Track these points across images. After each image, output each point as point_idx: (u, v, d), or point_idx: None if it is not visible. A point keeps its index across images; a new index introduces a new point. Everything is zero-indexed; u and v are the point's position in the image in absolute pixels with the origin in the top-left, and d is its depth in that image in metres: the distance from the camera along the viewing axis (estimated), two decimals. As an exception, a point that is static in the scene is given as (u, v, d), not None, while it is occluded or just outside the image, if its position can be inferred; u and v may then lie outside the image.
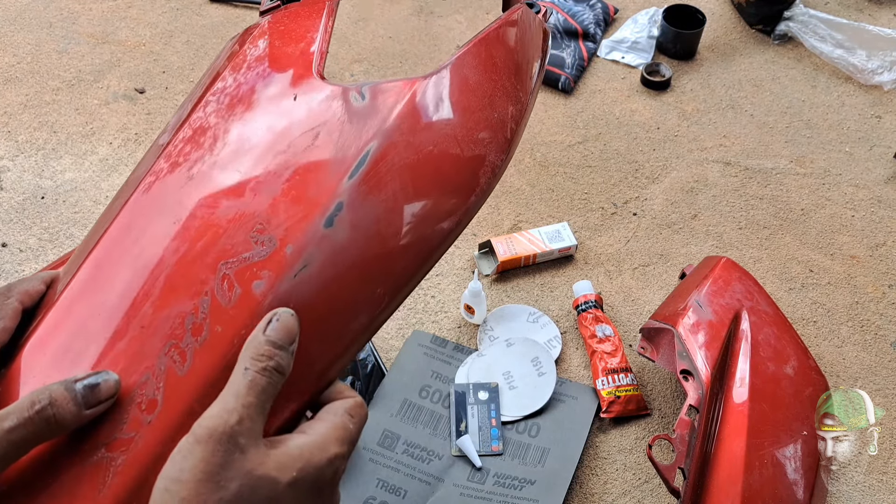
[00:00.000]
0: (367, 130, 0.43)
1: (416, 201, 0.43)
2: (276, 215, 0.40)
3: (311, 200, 0.40)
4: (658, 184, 1.26)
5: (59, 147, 1.29)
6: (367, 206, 0.41)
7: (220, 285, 0.38)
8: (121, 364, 0.37)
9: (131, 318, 0.38)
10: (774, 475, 0.83)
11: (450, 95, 0.47)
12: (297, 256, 0.39)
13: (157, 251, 0.40)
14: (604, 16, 1.53)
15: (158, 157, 0.45)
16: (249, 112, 0.46)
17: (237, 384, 0.36)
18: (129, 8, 1.58)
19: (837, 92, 1.41)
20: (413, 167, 0.43)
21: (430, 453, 0.92)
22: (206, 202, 0.41)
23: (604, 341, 1.00)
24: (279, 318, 0.37)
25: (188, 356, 0.37)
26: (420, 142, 0.44)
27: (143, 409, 0.36)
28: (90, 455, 0.35)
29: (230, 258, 0.39)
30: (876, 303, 1.09)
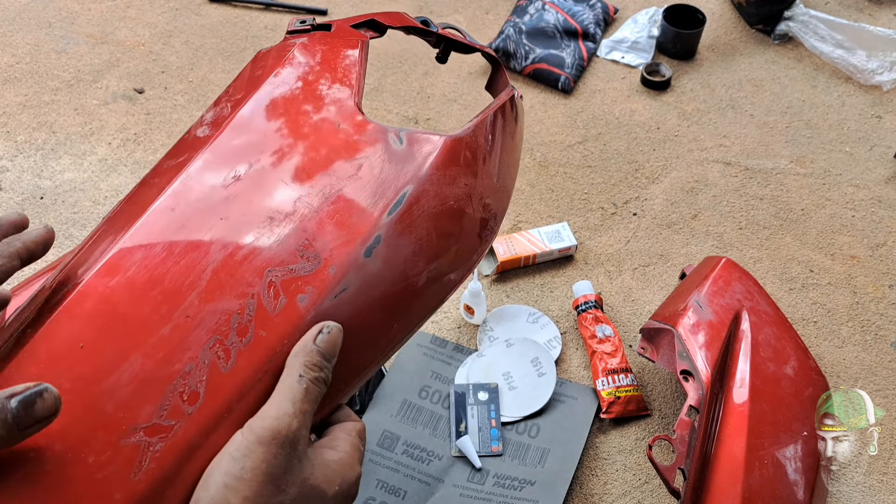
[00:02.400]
0: (405, 173, 0.45)
1: (435, 249, 0.46)
2: (323, 235, 0.42)
3: (354, 228, 0.42)
4: (658, 184, 1.26)
5: (58, 147, 1.29)
6: (399, 245, 0.44)
7: (266, 291, 0.39)
8: (163, 349, 0.37)
9: (176, 306, 0.38)
10: (774, 475, 0.83)
11: (469, 158, 0.50)
12: (339, 279, 0.41)
13: (204, 244, 0.40)
14: (604, 15, 1.53)
15: (200, 149, 0.45)
16: (295, 127, 0.47)
17: (293, 390, 0.37)
18: (128, 8, 1.58)
19: (838, 92, 1.41)
20: (437, 217, 0.46)
21: (429, 454, 0.92)
22: (254, 206, 0.42)
23: (604, 342, 1.00)
24: (330, 330, 0.39)
25: (232, 354, 0.38)
26: (445, 195, 0.47)
27: (184, 400, 0.36)
28: (126, 435, 0.35)
29: (277, 266, 0.40)
30: (876, 303, 1.09)
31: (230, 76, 1.43)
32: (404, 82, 1.43)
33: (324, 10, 1.58)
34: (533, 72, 1.41)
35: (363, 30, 0.58)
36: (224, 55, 1.47)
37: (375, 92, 1.41)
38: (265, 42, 1.51)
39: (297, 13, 1.57)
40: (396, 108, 1.38)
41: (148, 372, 0.36)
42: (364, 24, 0.58)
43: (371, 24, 0.59)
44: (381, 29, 0.59)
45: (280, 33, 1.53)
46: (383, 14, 0.60)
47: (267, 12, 1.58)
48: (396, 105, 1.38)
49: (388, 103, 1.39)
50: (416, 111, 1.37)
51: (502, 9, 1.59)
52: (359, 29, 0.58)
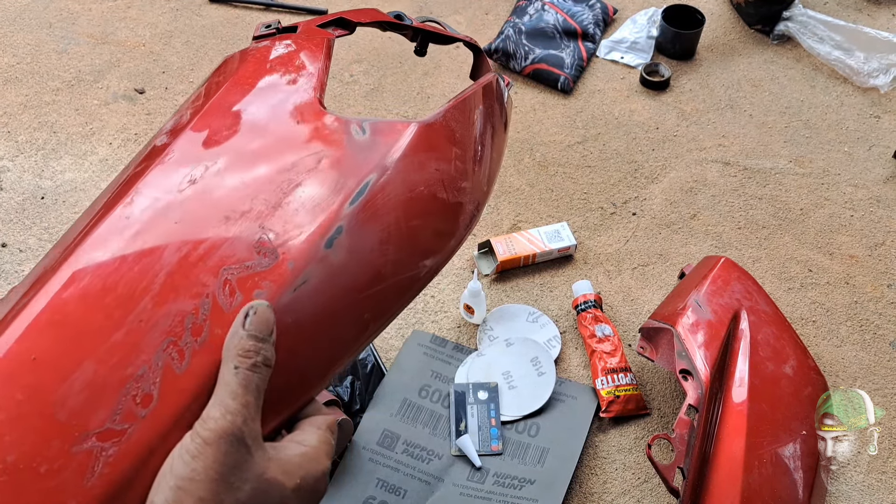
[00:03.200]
0: (368, 163, 0.45)
1: (406, 237, 0.45)
2: (279, 229, 0.41)
3: (314, 220, 0.42)
4: (657, 184, 1.26)
5: (58, 147, 1.29)
6: (364, 234, 0.43)
7: (221, 289, 0.39)
8: (117, 354, 0.37)
9: (129, 311, 0.38)
10: (774, 475, 0.83)
11: (440, 143, 0.50)
12: (297, 272, 0.40)
13: (158, 248, 0.40)
14: (603, 16, 1.54)
15: (157, 157, 0.45)
16: (253, 126, 0.47)
17: (231, 384, 0.36)
18: (129, 8, 1.58)
19: (836, 92, 1.42)
20: (405, 204, 0.46)
21: (429, 453, 0.92)
22: (209, 207, 0.42)
23: (603, 341, 1.00)
24: (255, 310, 0.38)
25: (186, 355, 0.38)
26: (413, 181, 0.47)
27: (137, 403, 0.36)
28: (78, 442, 0.35)
29: (232, 265, 0.40)
30: (875, 302, 1.09)
31: (230, 76, 1.43)
32: (404, 82, 1.43)
33: (324, 10, 1.58)
34: (532, 72, 1.42)
35: (331, 28, 0.58)
36: (224, 55, 1.47)
37: (375, 92, 1.41)
38: (265, 42, 1.51)
39: (298, 13, 1.58)
40: (396, 108, 1.38)
41: (100, 378, 0.36)
42: (332, 22, 0.58)
43: (339, 21, 0.58)
44: (350, 26, 0.59)
45: (280, 34, 1.53)
46: (353, 11, 0.59)
47: (267, 13, 1.58)
48: (396, 105, 1.39)
49: (388, 103, 1.39)
50: (415, 111, 1.37)
51: (502, 9, 1.59)
52: (326, 28, 0.58)
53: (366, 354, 0.99)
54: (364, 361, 0.99)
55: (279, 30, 0.57)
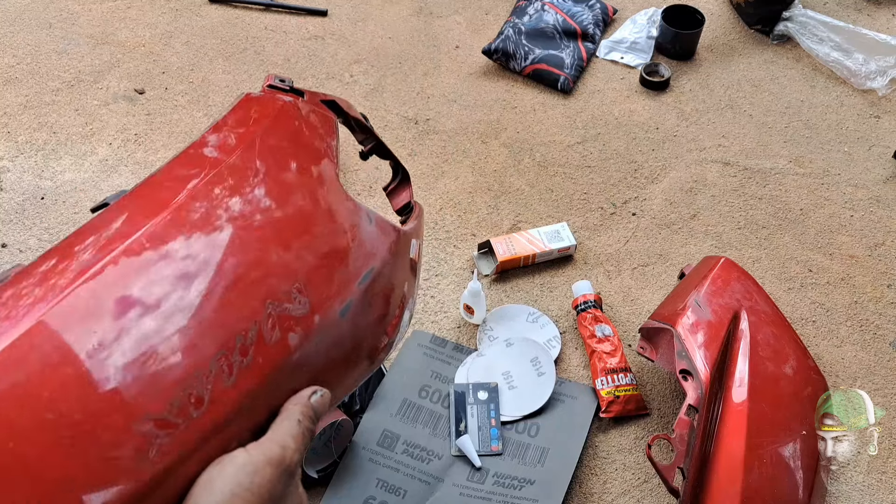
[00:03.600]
0: (372, 251, 0.50)
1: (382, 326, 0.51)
2: (312, 284, 0.45)
3: (335, 286, 0.47)
4: (657, 184, 1.26)
5: (58, 148, 1.29)
6: (362, 313, 0.48)
7: (266, 321, 0.42)
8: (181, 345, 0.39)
9: (187, 306, 0.40)
10: (774, 474, 0.83)
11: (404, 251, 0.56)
12: (320, 329, 0.45)
13: (216, 257, 0.42)
14: (603, 16, 1.54)
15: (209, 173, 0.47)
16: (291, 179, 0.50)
17: (293, 430, 0.40)
18: (129, 9, 1.58)
19: (836, 92, 1.42)
20: (386, 296, 0.52)
21: (429, 453, 0.92)
22: (262, 236, 0.45)
23: (603, 341, 1.00)
24: (323, 394, 0.43)
25: (234, 371, 0.40)
26: (392, 276, 0.52)
27: (192, 402, 0.38)
28: (139, 422, 0.36)
29: (276, 301, 0.43)
30: (875, 302, 1.09)
31: (230, 77, 1.43)
32: (404, 83, 1.43)
33: (324, 10, 1.58)
34: (532, 72, 1.42)
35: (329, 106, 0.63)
36: (224, 56, 1.48)
37: (375, 92, 1.41)
38: (265, 42, 1.51)
39: (297, 14, 1.58)
40: (396, 109, 1.38)
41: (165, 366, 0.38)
42: (328, 102, 0.63)
43: (332, 104, 0.63)
44: (340, 113, 0.64)
45: (280, 34, 1.53)
46: (342, 100, 0.64)
47: (267, 13, 1.58)
48: (396, 105, 1.39)
49: (388, 104, 1.39)
50: (415, 112, 1.38)
51: (502, 9, 1.60)
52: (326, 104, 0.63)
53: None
54: (364, 362, 0.99)
55: (291, 88, 0.61)
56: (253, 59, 1.47)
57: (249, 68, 1.45)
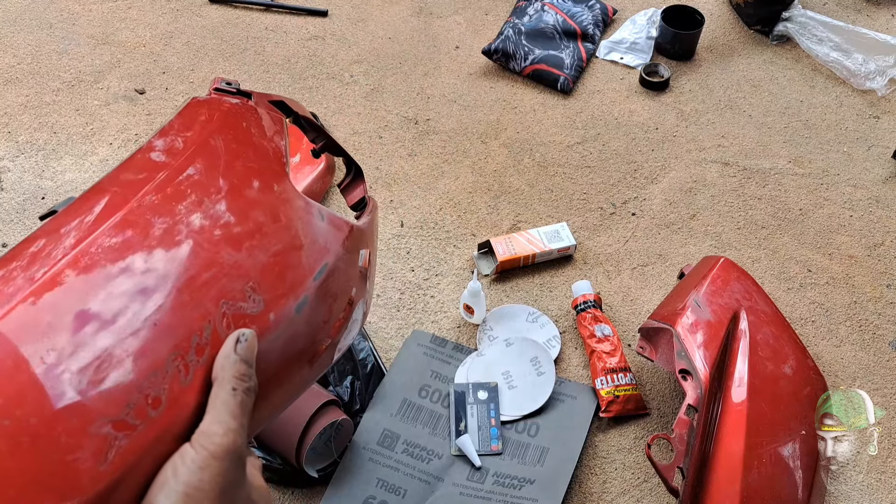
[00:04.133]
0: (325, 246, 0.51)
1: (335, 321, 0.51)
2: (265, 281, 0.46)
3: (290, 283, 0.47)
4: (657, 184, 1.26)
5: (59, 148, 1.29)
6: (318, 308, 0.49)
7: (220, 320, 0.42)
8: (134, 350, 0.39)
9: (140, 311, 0.40)
10: (773, 474, 0.83)
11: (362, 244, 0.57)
12: (275, 325, 0.45)
13: (170, 260, 0.43)
14: (602, 16, 1.54)
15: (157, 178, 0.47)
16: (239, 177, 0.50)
17: (229, 404, 0.39)
18: (129, 9, 1.58)
19: (835, 92, 1.42)
20: (340, 292, 0.52)
21: (429, 453, 0.92)
22: (210, 238, 0.45)
23: (603, 341, 1.00)
24: (247, 337, 0.41)
25: (190, 371, 0.40)
26: (348, 273, 0.53)
27: (149, 403, 0.38)
28: (97, 426, 0.36)
29: (229, 300, 0.43)
30: (874, 302, 1.09)
31: (231, 77, 1.43)
32: (404, 83, 1.43)
33: (324, 10, 1.58)
34: (532, 72, 1.42)
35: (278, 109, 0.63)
36: (225, 56, 1.48)
37: (375, 92, 1.41)
38: (266, 43, 1.51)
39: (297, 14, 1.58)
40: (396, 109, 1.38)
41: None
42: (276, 103, 0.63)
43: (281, 104, 0.63)
44: (289, 112, 0.64)
45: (280, 34, 1.53)
46: (290, 100, 0.65)
47: (267, 13, 1.58)
48: (396, 105, 1.39)
49: (388, 104, 1.39)
50: (415, 112, 1.38)
51: (501, 10, 1.60)
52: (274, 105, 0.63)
53: (366, 354, 0.99)
54: (364, 361, 0.99)
55: (238, 90, 0.61)
56: (253, 59, 1.47)
57: (250, 68, 1.45)
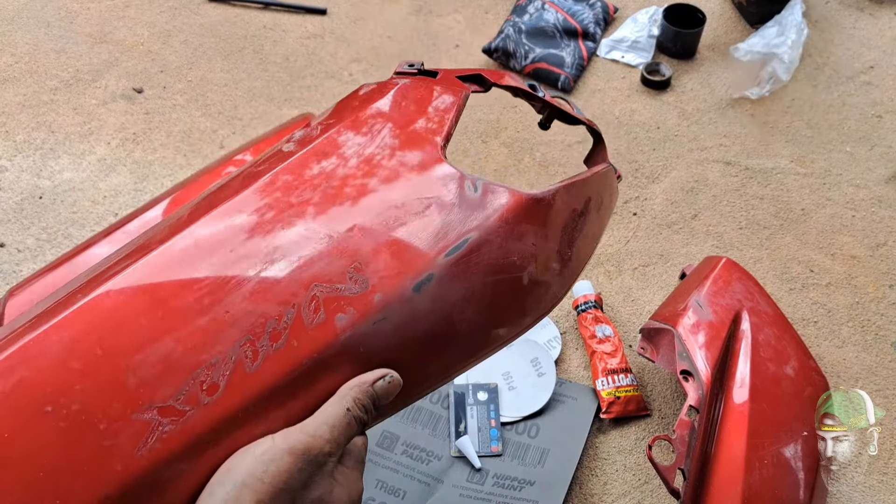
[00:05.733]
0: (472, 220, 0.46)
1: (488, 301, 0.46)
2: (375, 262, 0.43)
3: (409, 261, 0.44)
4: (658, 183, 1.25)
5: (57, 147, 1.28)
6: (451, 287, 0.44)
7: (307, 304, 0.41)
8: (197, 338, 0.38)
9: (218, 300, 0.39)
10: (775, 476, 0.83)
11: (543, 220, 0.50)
12: (381, 306, 0.42)
13: (261, 248, 0.42)
14: (603, 15, 1.53)
15: (283, 162, 0.47)
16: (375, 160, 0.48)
17: (337, 417, 0.38)
18: (127, 7, 1.58)
19: (838, 91, 1.41)
20: (496, 269, 0.46)
21: (429, 454, 0.92)
22: (317, 222, 0.44)
23: (603, 342, 1.00)
24: (392, 379, 0.40)
25: (260, 357, 0.39)
26: (509, 249, 0.47)
27: (203, 389, 0.37)
28: (140, 410, 0.36)
29: (324, 283, 0.41)
30: (877, 303, 1.09)
31: (229, 75, 1.43)
32: (404, 82, 1.43)
33: (323, 8, 1.58)
34: (533, 71, 1.41)
35: (469, 84, 0.59)
36: (223, 54, 1.47)
37: (375, 91, 1.41)
38: (264, 41, 1.50)
39: (296, 12, 1.57)
40: (396, 108, 1.38)
41: (176, 356, 0.37)
42: (470, 77, 0.59)
43: (477, 78, 0.59)
44: (486, 84, 0.60)
45: (279, 32, 1.52)
46: (491, 71, 0.60)
47: (266, 11, 1.57)
48: (396, 104, 1.38)
49: (388, 103, 1.38)
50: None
51: (502, 8, 1.59)
52: (465, 81, 0.59)
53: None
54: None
55: (420, 71, 0.59)
56: (252, 57, 1.47)
57: (248, 67, 1.45)
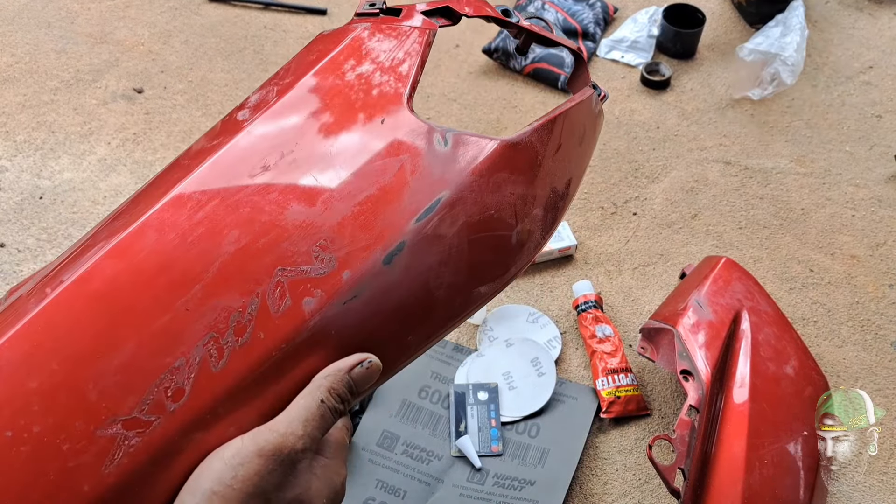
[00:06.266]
0: (443, 178, 0.43)
1: (466, 260, 0.43)
2: (342, 236, 0.40)
3: (377, 232, 0.40)
4: (658, 183, 1.26)
5: (57, 147, 1.28)
6: (424, 253, 0.41)
7: (272, 290, 0.38)
8: (158, 340, 0.36)
9: (178, 296, 0.37)
10: (775, 475, 0.83)
11: (520, 165, 0.47)
12: (351, 284, 0.39)
13: (218, 234, 0.39)
14: (603, 15, 1.53)
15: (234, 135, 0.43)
16: (335, 120, 0.45)
17: (310, 411, 0.36)
18: (128, 7, 1.58)
19: (838, 91, 1.41)
20: (472, 226, 0.43)
21: (429, 454, 0.92)
22: (276, 199, 0.40)
23: (604, 341, 1.00)
24: (371, 364, 0.38)
25: (225, 354, 0.36)
26: (485, 203, 0.44)
27: (168, 396, 0.35)
28: (104, 426, 0.34)
29: (288, 266, 0.39)
30: (876, 302, 1.09)
31: (230, 76, 1.43)
32: (404, 82, 1.43)
33: (323, 9, 1.58)
34: (532, 71, 1.41)
35: (435, 17, 0.54)
36: (223, 55, 1.47)
37: (375, 91, 1.41)
38: (265, 42, 1.51)
39: (296, 13, 1.57)
40: (396, 108, 1.37)
41: (138, 362, 0.35)
42: (437, 10, 0.54)
43: (445, 11, 0.54)
44: (455, 17, 0.55)
45: (279, 33, 1.52)
46: (460, 1, 0.55)
47: (266, 12, 1.57)
48: (396, 105, 1.38)
49: (388, 103, 1.38)
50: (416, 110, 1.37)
51: (502, 8, 1.59)
52: (430, 16, 0.53)
53: (365, 355, 0.99)
54: (363, 362, 0.98)
55: (382, 10, 0.53)
56: (252, 57, 1.47)
57: (248, 67, 1.45)
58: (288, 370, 0.38)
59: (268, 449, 0.34)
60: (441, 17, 0.54)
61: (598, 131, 0.62)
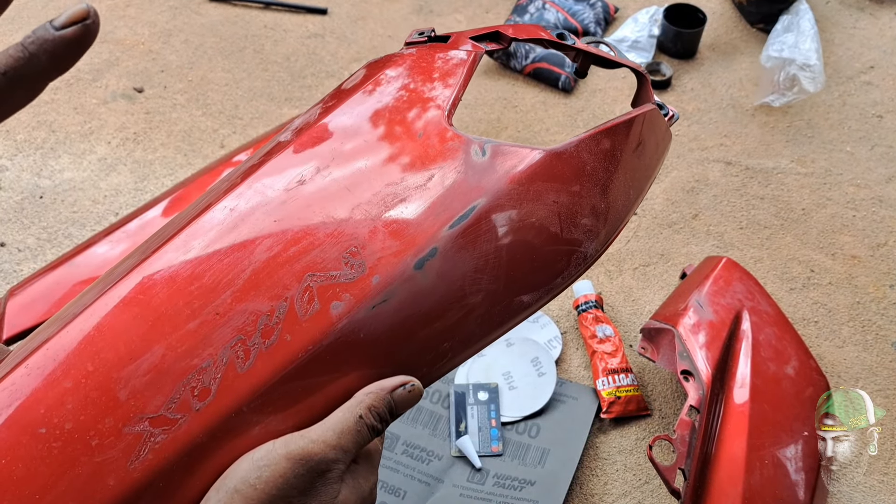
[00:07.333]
0: (479, 186, 0.43)
1: (504, 268, 0.43)
2: (373, 243, 0.41)
3: (409, 238, 0.41)
4: (658, 183, 1.25)
5: (57, 146, 1.28)
6: (458, 260, 0.42)
7: (300, 295, 0.39)
8: (187, 343, 0.37)
9: (208, 302, 0.38)
10: (775, 476, 0.83)
11: (565, 174, 0.47)
12: (381, 288, 0.40)
13: (251, 244, 0.40)
14: (604, 15, 1.53)
15: (277, 153, 0.45)
16: (373, 135, 0.46)
17: (347, 425, 0.36)
18: (128, 7, 1.57)
19: (839, 91, 1.41)
20: (511, 234, 0.44)
21: (429, 454, 0.92)
22: (310, 209, 0.42)
23: (604, 341, 1.00)
24: (413, 388, 0.39)
25: (252, 356, 0.37)
26: (525, 211, 0.44)
27: (195, 395, 0.36)
28: (132, 423, 0.35)
29: (318, 272, 0.39)
30: (877, 303, 1.09)
31: (230, 75, 1.43)
32: (404, 81, 1.43)
33: (323, 8, 1.57)
34: (533, 71, 1.41)
35: (485, 42, 0.55)
36: (224, 54, 1.47)
37: (375, 91, 1.41)
38: (265, 41, 1.50)
39: (297, 12, 1.57)
40: (396, 108, 1.37)
41: (167, 364, 0.37)
42: (486, 36, 0.54)
43: (494, 36, 0.55)
44: (506, 41, 0.55)
45: (280, 32, 1.52)
46: (512, 27, 0.56)
47: (266, 11, 1.57)
48: (396, 104, 1.38)
49: (388, 102, 1.38)
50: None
51: (502, 8, 1.59)
52: (480, 41, 0.54)
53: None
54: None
55: (430, 38, 0.55)
56: (252, 57, 1.47)
57: (249, 66, 1.45)
58: (316, 374, 0.39)
59: (296, 453, 0.34)
60: (491, 41, 0.55)
61: (664, 149, 0.63)
